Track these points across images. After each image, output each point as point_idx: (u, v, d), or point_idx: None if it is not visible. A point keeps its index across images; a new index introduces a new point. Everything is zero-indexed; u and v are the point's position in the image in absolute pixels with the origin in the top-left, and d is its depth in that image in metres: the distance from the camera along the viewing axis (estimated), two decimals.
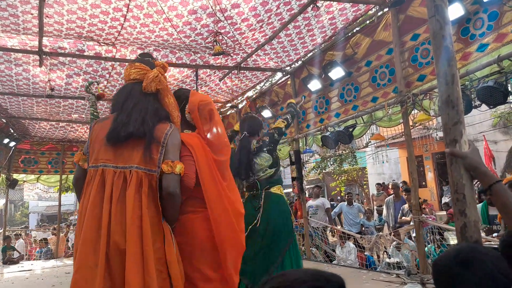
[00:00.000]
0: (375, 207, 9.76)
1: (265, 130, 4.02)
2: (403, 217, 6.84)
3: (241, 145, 3.67)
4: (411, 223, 5.35)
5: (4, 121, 8.64)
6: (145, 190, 2.01)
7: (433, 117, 4.80)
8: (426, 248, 4.85)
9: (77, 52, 5.51)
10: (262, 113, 7.51)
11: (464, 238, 1.62)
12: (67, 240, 12.23)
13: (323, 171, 18.19)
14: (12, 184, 10.12)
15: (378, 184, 12.53)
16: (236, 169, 3.44)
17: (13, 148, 9.89)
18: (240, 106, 8.79)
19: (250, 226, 3.39)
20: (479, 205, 6.18)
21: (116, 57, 5.69)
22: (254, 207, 3.50)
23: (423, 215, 5.27)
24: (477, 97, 3.97)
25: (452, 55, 1.64)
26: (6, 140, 8.48)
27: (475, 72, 3.99)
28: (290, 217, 3.57)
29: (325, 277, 1.03)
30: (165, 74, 2.37)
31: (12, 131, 9.26)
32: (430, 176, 15.01)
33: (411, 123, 4.97)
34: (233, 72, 6.66)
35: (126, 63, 5.87)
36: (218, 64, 6.37)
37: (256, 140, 3.70)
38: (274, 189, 3.55)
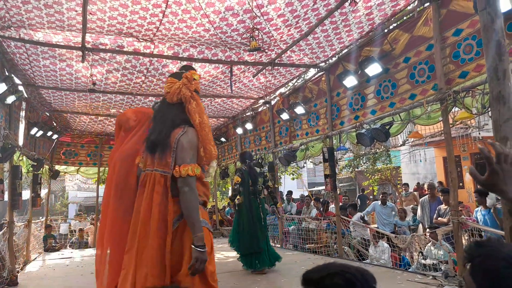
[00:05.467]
0: (404, 208, 9.51)
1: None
2: (439, 218, 6.63)
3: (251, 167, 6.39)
4: (449, 224, 5.19)
5: (48, 114, 9.06)
6: (158, 189, 2.33)
7: (475, 116, 4.62)
8: None
9: (117, 48, 5.68)
10: (295, 110, 7.48)
11: None
12: None
13: (356, 169, 17.90)
14: (54, 175, 10.59)
15: (405, 184, 12.14)
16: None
17: (56, 140, 10.34)
18: (272, 102, 8.79)
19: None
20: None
21: (154, 53, 5.82)
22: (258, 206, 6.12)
23: (462, 216, 5.10)
24: None
25: (504, 49, 1.57)
26: (49, 133, 8.87)
27: None
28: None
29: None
30: (200, 73, 2.53)
31: (55, 124, 9.68)
32: (468, 177, 14.46)
33: (451, 121, 4.80)
34: (267, 68, 6.67)
35: (163, 59, 6.03)
36: (252, 60, 6.40)
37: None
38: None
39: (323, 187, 12.86)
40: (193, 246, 2.22)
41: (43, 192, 11.16)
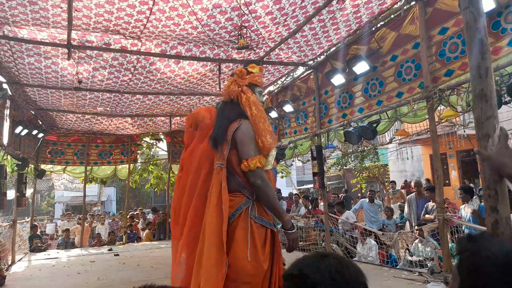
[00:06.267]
0: (392, 205, 9.60)
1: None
2: (427, 215, 6.72)
3: None
4: (435, 221, 5.26)
5: (33, 112, 8.91)
6: (217, 181, 2.44)
7: (460, 113, 4.68)
8: (450, 246, 4.77)
9: (103, 46, 5.61)
10: (284, 108, 7.50)
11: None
12: (92, 231, 12.53)
13: (344, 167, 18.01)
14: (39, 174, 10.44)
15: (392, 182, 12.23)
16: None
17: (41, 139, 10.19)
18: None
19: None
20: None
21: (141, 50, 5.77)
22: None
23: (448, 213, 5.17)
24: (507, 93, 3.86)
25: (486, 47, 1.60)
26: (34, 132, 8.73)
27: (505, 67, 3.87)
28: None
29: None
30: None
31: (40, 122, 9.53)
32: (454, 174, 14.67)
33: (437, 119, 4.86)
34: None
35: (151, 57, 5.98)
36: (241, 58, 6.38)
37: None
38: None
39: (312, 185, 12.91)
40: (283, 230, 2.41)
41: (29, 192, 11.00)
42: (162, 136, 12.06)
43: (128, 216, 12.53)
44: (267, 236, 2.45)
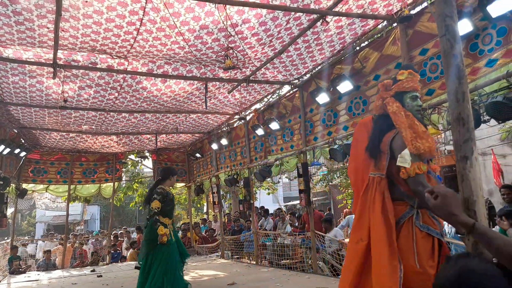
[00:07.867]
0: None
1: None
2: None
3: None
4: None
5: (16, 131, 8.78)
6: (379, 191, 2.46)
7: (442, 131, 4.81)
8: None
9: (90, 65, 5.62)
10: (270, 126, 7.56)
11: None
12: (74, 251, 12.21)
13: (330, 183, 18.10)
14: (21, 193, 10.21)
15: None
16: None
17: (23, 158, 10.01)
18: (248, 118, 8.86)
19: None
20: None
21: (127, 69, 5.78)
22: None
23: None
24: (486, 112, 3.98)
25: (463, 73, 1.68)
26: (17, 150, 8.58)
27: (484, 87, 4.01)
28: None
29: None
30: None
31: (23, 141, 9.38)
32: None
33: None
34: (241, 84, 6.74)
35: (138, 76, 6.00)
36: (227, 77, 6.46)
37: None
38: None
39: (299, 201, 12.93)
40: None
41: (9, 211, 10.72)
42: (147, 154, 11.98)
43: (112, 236, 12.29)
44: (434, 246, 2.37)
